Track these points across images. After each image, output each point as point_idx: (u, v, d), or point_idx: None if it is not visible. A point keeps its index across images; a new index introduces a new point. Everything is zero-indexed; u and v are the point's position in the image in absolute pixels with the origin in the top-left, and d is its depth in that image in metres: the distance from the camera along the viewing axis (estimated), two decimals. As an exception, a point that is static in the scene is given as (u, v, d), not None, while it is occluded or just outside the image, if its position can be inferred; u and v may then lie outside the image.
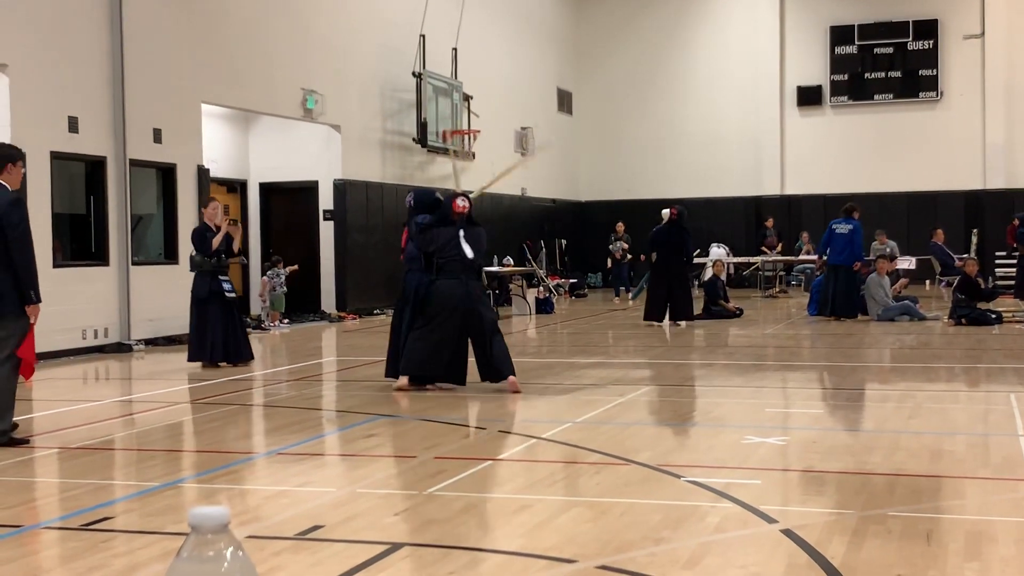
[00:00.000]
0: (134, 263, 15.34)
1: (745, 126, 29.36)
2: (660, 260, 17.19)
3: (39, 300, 7.63)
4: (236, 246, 13.01)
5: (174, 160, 16.17)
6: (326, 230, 20.25)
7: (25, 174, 8.35)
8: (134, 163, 15.41)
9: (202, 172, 16.79)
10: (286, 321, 18.62)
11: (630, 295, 23.79)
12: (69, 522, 5.63)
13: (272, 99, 18.40)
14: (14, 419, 7.80)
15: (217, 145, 18.85)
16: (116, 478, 6.98)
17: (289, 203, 20.66)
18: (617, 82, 30.50)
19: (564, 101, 30.14)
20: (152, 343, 15.23)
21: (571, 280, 26.23)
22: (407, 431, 8.23)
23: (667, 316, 17.15)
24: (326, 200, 20.22)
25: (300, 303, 19.56)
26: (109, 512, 5.83)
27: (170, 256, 16.20)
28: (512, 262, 23.70)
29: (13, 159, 7.75)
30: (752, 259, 26.33)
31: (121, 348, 14.76)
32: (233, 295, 12.80)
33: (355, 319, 19.71)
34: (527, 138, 26.70)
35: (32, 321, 7.65)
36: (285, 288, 18.76)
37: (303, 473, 6.83)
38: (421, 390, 10.05)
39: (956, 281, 17.85)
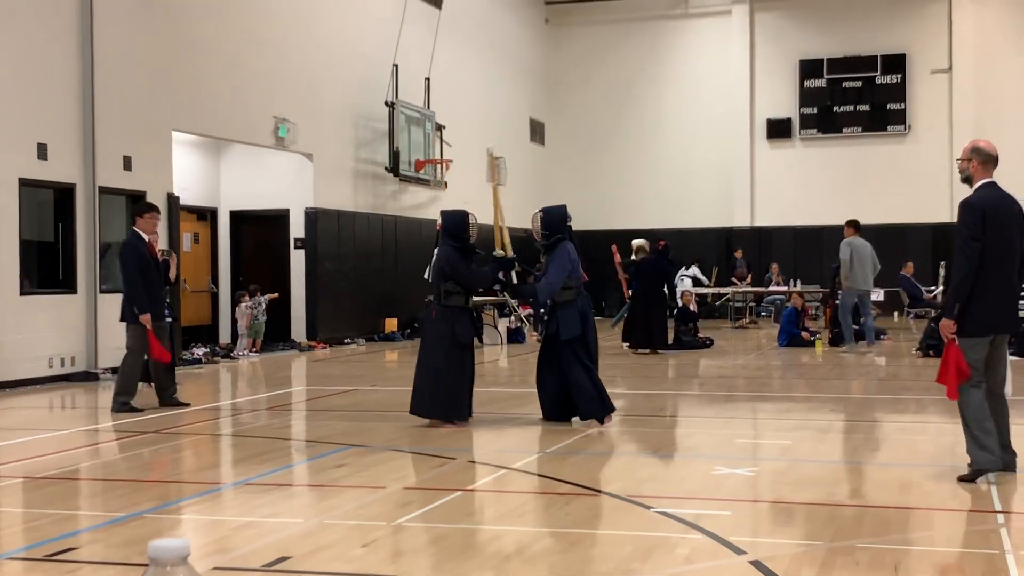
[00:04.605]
0: (102, 291, 15.23)
1: (716, 158, 29.57)
2: (643, 288, 17.82)
3: (144, 312, 11.16)
4: (172, 273, 13.28)
5: (144, 187, 16.09)
6: (297, 259, 20.20)
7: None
8: (103, 190, 15.33)
9: (172, 200, 16.73)
10: (256, 350, 18.53)
11: (611, 322, 23.89)
12: (33, 552, 5.56)
13: (244, 127, 18.37)
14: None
15: (187, 173, 18.79)
16: (81, 508, 6.90)
17: (260, 231, 20.61)
18: (589, 113, 30.68)
19: (536, 131, 30.28)
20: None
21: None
22: (376, 461, 8.19)
23: (645, 344, 17.72)
24: (297, 228, 20.17)
25: (270, 332, 19.45)
26: (74, 543, 5.76)
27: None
28: (482, 292, 23.70)
29: (140, 212, 11.56)
30: (723, 290, 26.46)
31: (88, 377, 14.63)
32: (169, 319, 13.14)
33: (326, 348, 19.63)
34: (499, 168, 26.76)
35: (148, 327, 11.16)
36: (266, 316, 18.73)
37: (271, 504, 6.78)
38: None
39: (935, 313, 17.98)
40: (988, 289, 6.87)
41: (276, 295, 19.23)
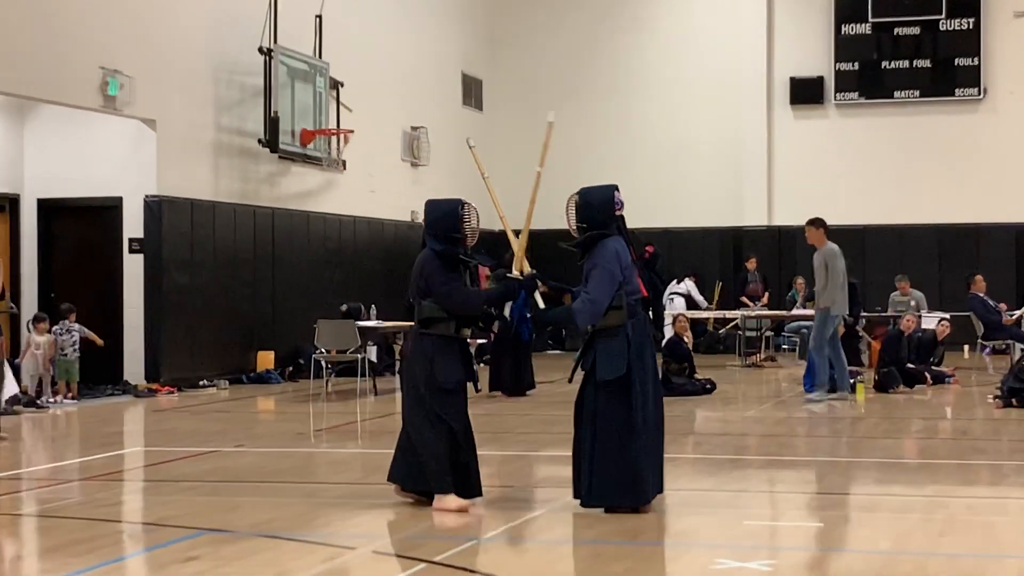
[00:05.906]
0: None
1: (720, 132, 29.70)
2: None
3: None
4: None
5: (-85, 165, 15.94)
6: (133, 267, 20.03)
7: None
8: None
9: (-44, 183, 16.57)
10: (71, 396, 18.32)
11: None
12: None
13: (58, 82, 18.20)
14: None
15: (-22, 145, 18.63)
16: None
17: (80, 228, 20.42)
18: (544, 69, 30.72)
19: (471, 92, 30.32)
20: None
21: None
22: (244, 552, 8.14)
23: None
24: (134, 225, 20.00)
25: (94, 370, 19.26)
26: None
27: (-93, 302, 15.90)
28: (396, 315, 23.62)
29: None
30: (729, 313, 26.59)
31: None
32: None
33: (172, 393, 19.48)
34: (419, 141, 26.77)
35: None
36: (79, 352, 18.45)
37: (93, 612, 6.72)
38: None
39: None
40: None
41: (101, 343, 18.77)
